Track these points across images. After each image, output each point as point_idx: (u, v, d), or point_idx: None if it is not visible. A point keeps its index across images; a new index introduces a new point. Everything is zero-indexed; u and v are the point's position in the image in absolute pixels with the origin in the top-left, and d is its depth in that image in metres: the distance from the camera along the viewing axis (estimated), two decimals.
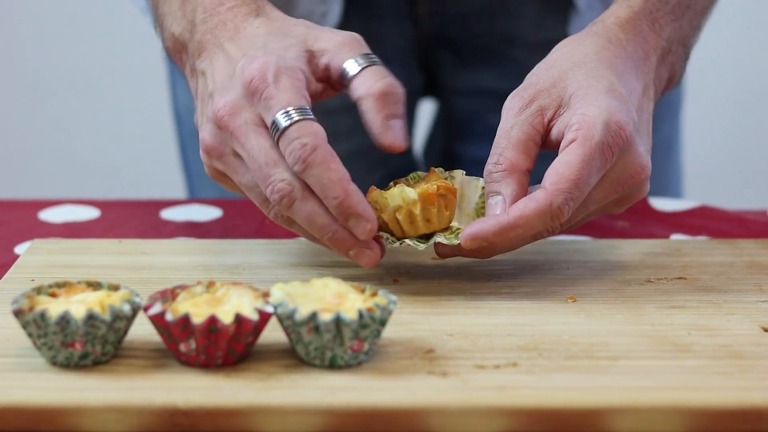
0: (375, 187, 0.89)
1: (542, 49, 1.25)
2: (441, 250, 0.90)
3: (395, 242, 0.88)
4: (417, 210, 0.87)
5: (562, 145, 0.87)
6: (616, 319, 0.84)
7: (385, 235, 0.88)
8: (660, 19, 0.95)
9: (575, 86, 0.89)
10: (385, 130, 0.88)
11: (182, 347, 0.76)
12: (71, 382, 0.74)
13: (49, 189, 2.46)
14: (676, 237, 1.07)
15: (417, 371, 0.76)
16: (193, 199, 1.17)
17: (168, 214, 1.13)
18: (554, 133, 0.89)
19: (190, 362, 0.76)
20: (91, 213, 1.13)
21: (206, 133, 0.89)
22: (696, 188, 1.49)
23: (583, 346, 0.80)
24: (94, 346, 0.76)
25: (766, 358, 0.78)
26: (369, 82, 0.89)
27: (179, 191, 2.03)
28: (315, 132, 0.85)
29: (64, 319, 0.75)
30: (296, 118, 0.85)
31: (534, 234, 0.87)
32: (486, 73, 1.28)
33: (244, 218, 1.12)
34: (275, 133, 0.85)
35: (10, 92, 2.53)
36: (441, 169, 0.92)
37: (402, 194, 0.87)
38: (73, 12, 2.49)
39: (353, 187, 0.85)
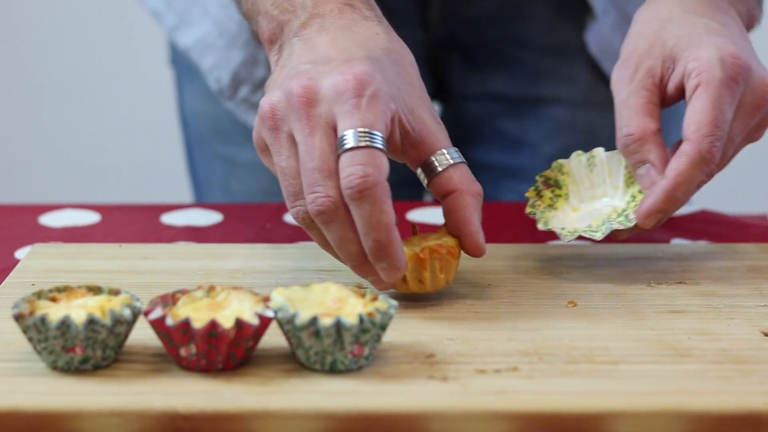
0: None
1: (554, 53, 1.24)
2: (621, 236, 0.91)
3: (569, 235, 0.90)
4: (407, 272, 0.86)
5: (687, 94, 0.89)
6: (616, 324, 0.84)
7: (557, 229, 0.91)
8: None
9: (674, 39, 0.90)
10: (478, 233, 0.86)
11: (183, 352, 0.76)
12: (72, 387, 0.74)
13: (49, 193, 2.45)
14: (676, 241, 1.07)
15: (417, 376, 0.76)
16: (193, 203, 1.17)
17: (168, 218, 1.13)
18: (670, 88, 0.91)
19: (190, 367, 0.76)
20: (91, 217, 1.13)
21: (273, 99, 0.84)
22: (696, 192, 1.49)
23: (583, 350, 0.80)
24: (95, 350, 0.76)
25: (766, 363, 0.78)
26: (469, 180, 0.87)
27: (180, 196, 2.03)
28: (380, 166, 0.81)
29: (65, 324, 0.75)
30: (370, 143, 0.81)
31: (696, 187, 0.89)
32: (496, 77, 1.28)
33: (244, 223, 1.12)
34: (342, 145, 0.81)
35: (10, 96, 2.53)
36: (580, 152, 0.94)
37: None
38: (74, 16, 2.50)
39: (396, 235, 0.82)
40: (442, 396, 0.73)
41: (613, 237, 0.92)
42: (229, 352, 0.76)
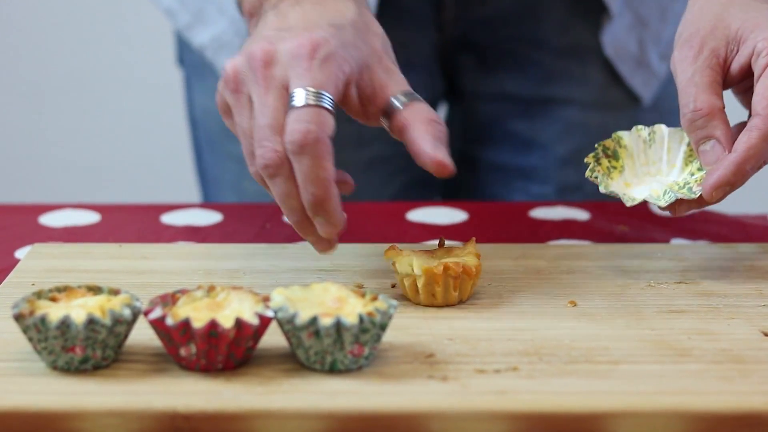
0: (395, 247, 0.89)
1: (568, 53, 1.24)
2: (682, 211, 0.91)
3: (630, 201, 0.90)
4: (420, 284, 0.87)
5: (757, 72, 0.89)
6: (616, 324, 0.84)
7: (620, 194, 0.91)
8: None
9: (738, 22, 0.91)
10: (435, 148, 0.87)
11: (182, 352, 0.76)
12: (71, 387, 0.74)
13: (49, 193, 2.45)
14: (676, 241, 1.07)
15: (417, 375, 0.76)
16: (193, 203, 1.17)
17: (168, 218, 1.13)
18: (734, 69, 0.91)
19: (190, 367, 0.76)
20: (91, 217, 1.13)
21: (236, 62, 0.88)
22: None
23: (583, 350, 0.80)
24: (95, 350, 0.76)
25: (766, 363, 0.78)
26: (420, 112, 0.88)
27: (180, 196, 2.03)
28: (324, 123, 0.84)
29: (65, 324, 0.75)
30: (314, 102, 0.84)
31: (763, 161, 0.90)
32: (508, 77, 1.28)
33: (244, 223, 1.12)
34: (291, 104, 0.85)
35: (10, 96, 2.53)
36: (641, 126, 0.94)
37: (410, 265, 0.87)
38: (74, 17, 2.49)
39: (334, 191, 0.85)
40: (442, 396, 0.73)
41: (674, 209, 0.91)
42: (229, 351, 0.76)
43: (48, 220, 1.12)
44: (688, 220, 1.14)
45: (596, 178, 0.92)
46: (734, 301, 0.89)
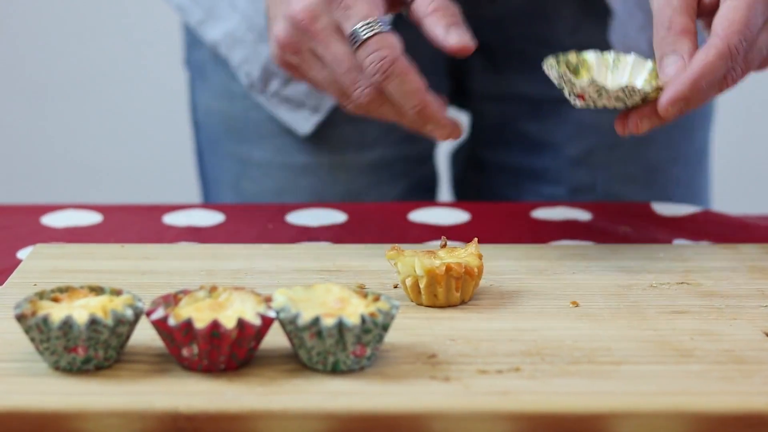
0: (396, 247, 0.89)
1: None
2: (641, 126, 0.91)
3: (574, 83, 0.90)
4: (422, 285, 0.87)
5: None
6: (618, 324, 0.84)
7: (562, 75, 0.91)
8: None
9: None
10: (448, 33, 0.94)
11: (185, 352, 0.76)
12: (74, 387, 0.74)
13: (51, 194, 2.46)
14: (678, 242, 1.07)
15: (419, 376, 0.76)
16: (195, 204, 1.17)
17: (170, 218, 1.13)
18: (709, 1, 0.92)
19: (192, 367, 0.76)
20: (93, 218, 1.13)
21: (281, 30, 0.96)
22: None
23: (585, 351, 0.80)
24: (97, 350, 0.76)
25: None
26: (424, 3, 0.95)
27: (182, 196, 2.03)
28: (393, 45, 0.92)
29: (67, 324, 0.75)
30: (376, 30, 0.92)
31: (719, 83, 0.90)
32: (518, 78, 1.28)
33: (246, 223, 1.12)
34: (355, 43, 0.92)
35: (12, 96, 2.53)
36: (606, 52, 0.95)
37: (412, 265, 0.87)
38: (76, 16, 2.50)
39: (430, 97, 0.92)
40: (444, 396, 0.73)
41: (630, 123, 0.91)
42: (231, 352, 0.76)
43: (50, 220, 1.12)
44: (691, 220, 1.14)
45: (552, 67, 0.92)
46: (737, 302, 0.89)
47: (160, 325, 0.76)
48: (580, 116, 1.26)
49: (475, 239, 0.90)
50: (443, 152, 1.44)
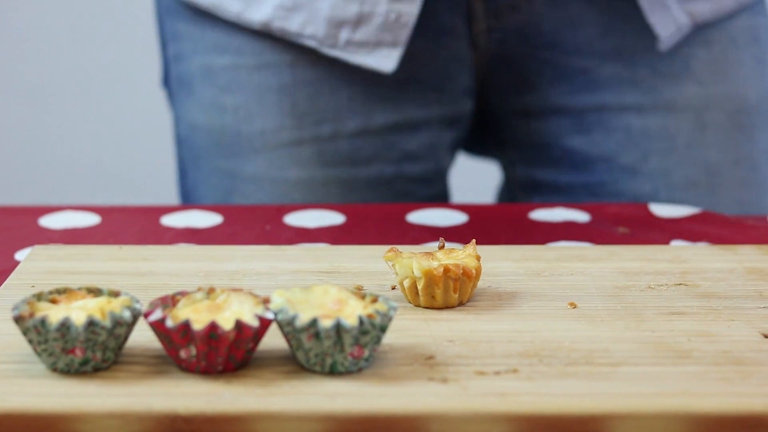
0: (394, 249, 0.89)
1: (612, 57, 1.19)
2: None
3: None
4: (420, 286, 0.87)
5: None
6: (616, 326, 0.84)
7: None
8: None
9: None
10: None
11: (182, 354, 0.76)
12: (71, 389, 0.74)
13: (49, 195, 2.46)
14: (676, 243, 1.07)
15: (417, 377, 0.76)
16: (193, 205, 1.17)
17: (168, 220, 1.13)
18: None
19: (190, 369, 0.76)
20: (91, 219, 1.13)
21: None
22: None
23: (583, 352, 0.80)
24: (95, 352, 0.76)
25: (766, 365, 0.78)
26: None
27: (179, 197, 2.03)
28: None
29: (65, 326, 0.75)
30: None
31: None
32: (551, 90, 1.24)
33: (244, 224, 1.12)
34: None
35: (10, 98, 2.53)
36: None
37: (410, 267, 0.87)
38: (74, 18, 2.50)
39: None
40: (442, 398, 0.73)
41: None
42: (229, 353, 0.76)
43: (48, 221, 1.12)
44: (688, 221, 1.14)
45: None
46: (734, 303, 0.89)
47: (158, 327, 0.76)
48: (627, 123, 1.22)
49: (473, 240, 0.90)
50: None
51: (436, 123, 1.23)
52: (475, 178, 1.84)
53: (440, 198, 1.29)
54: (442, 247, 0.90)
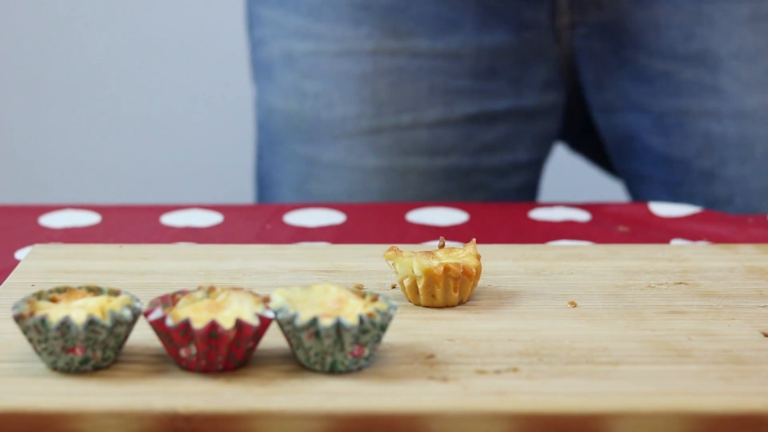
0: (396, 247, 0.89)
1: (694, 62, 1.19)
2: None
3: None
4: (420, 285, 0.87)
5: None
6: (616, 325, 0.84)
7: None
8: None
9: None
10: None
11: (183, 352, 0.76)
12: (72, 388, 0.74)
13: (49, 194, 2.45)
14: (676, 242, 1.07)
15: (417, 376, 0.76)
16: (193, 204, 1.17)
17: (168, 219, 1.13)
18: None
19: (190, 367, 0.76)
20: (91, 218, 1.13)
21: None
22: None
23: (583, 351, 0.80)
24: (95, 351, 0.76)
25: (766, 364, 0.78)
26: None
27: (180, 196, 2.03)
28: None
29: (65, 325, 0.75)
30: None
31: None
32: (634, 89, 1.24)
33: (244, 223, 1.12)
34: None
35: (10, 96, 2.53)
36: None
37: (410, 265, 0.87)
38: (75, 16, 2.50)
39: None
40: (442, 396, 0.73)
41: None
42: (229, 352, 0.76)
43: (48, 220, 1.12)
44: (688, 220, 1.14)
45: None
46: (734, 302, 0.89)
47: (158, 326, 0.76)
48: (706, 128, 1.22)
49: (473, 240, 0.90)
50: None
51: (515, 115, 1.23)
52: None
53: (519, 193, 1.29)
54: (442, 246, 0.90)
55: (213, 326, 0.75)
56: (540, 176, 1.30)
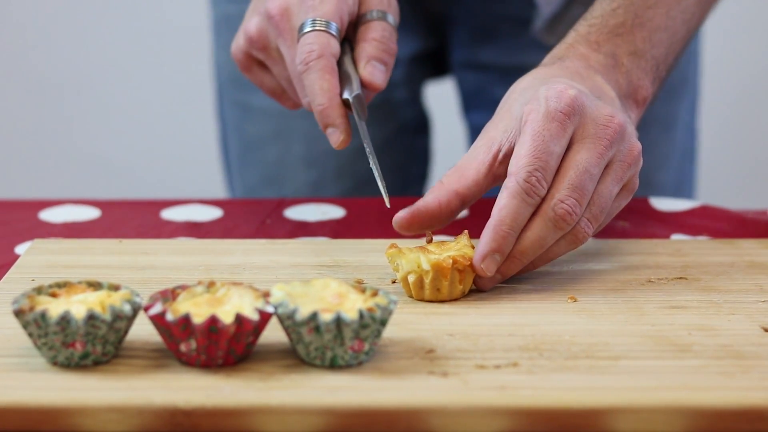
0: (396, 245, 0.89)
1: (528, 25, 1.26)
2: (483, 283, 0.89)
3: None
4: (428, 279, 0.87)
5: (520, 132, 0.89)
6: (616, 319, 0.84)
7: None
8: (597, 39, 0.98)
9: (518, 106, 0.92)
10: (366, 65, 0.97)
11: (183, 347, 0.76)
12: (72, 382, 0.74)
13: (49, 189, 2.45)
14: (676, 237, 1.07)
15: (417, 371, 0.76)
16: (193, 199, 1.17)
17: (168, 214, 1.13)
18: (513, 150, 0.89)
19: (190, 362, 0.76)
20: (91, 213, 1.13)
21: (253, 25, 0.98)
22: (695, 187, 1.49)
23: (583, 346, 0.80)
24: (95, 346, 0.76)
25: (766, 358, 0.78)
26: (373, 30, 0.98)
27: (180, 191, 2.03)
28: (326, 44, 0.94)
29: (65, 319, 0.75)
30: (318, 28, 0.95)
31: (571, 237, 0.88)
32: (485, 50, 1.33)
33: (244, 218, 1.12)
34: (299, 35, 0.95)
35: (11, 92, 2.53)
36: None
37: (417, 261, 0.87)
38: (74, 11, 2.49)
39: (337, 101, 0.94)
40: (442, 391, 0.73)
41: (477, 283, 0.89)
42: (229, 347, 0.76)
43: (48, 215, 1.12)
44: (689, 215, 1.14)
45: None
46: (735, 297, 0.89)
47: (158, 321, 0.76)
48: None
49: (465, 231, 0.90)
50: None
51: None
52: None
53: (417, 118, 1.42)
54: (430, 241, 0.90)
55: (213, 321, 0.75)
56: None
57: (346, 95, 0.95)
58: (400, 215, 0.90)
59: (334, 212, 1.14)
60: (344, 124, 0.94)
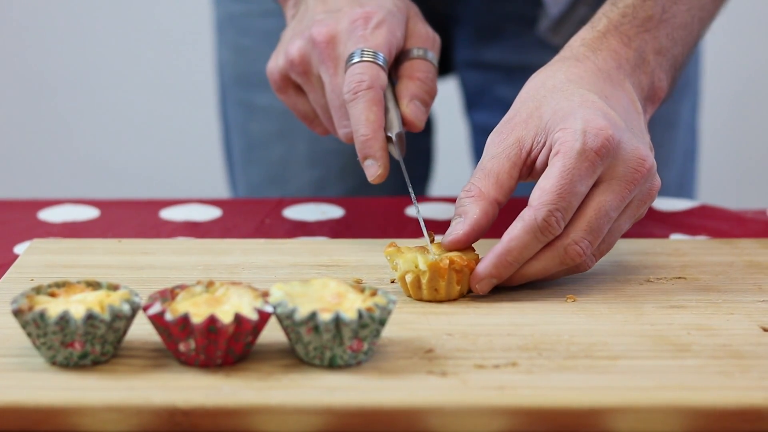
0: (395, 244, 0.89)
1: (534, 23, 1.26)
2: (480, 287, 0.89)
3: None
4: (425, 279, 0.87)
5: (549, 162, 0.87)
6: (615, 319, 0.84)
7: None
8: (627, 31, 0.96)
9: (550, 112, 0.89)
10: (413, 104, 0.97)
11: (182, 347, 0.76)
12: (71, 382, 0.74)
13: (48, 189, 2.45)
14: (675, 236, 1.07)
15: (416, 371, 0.76)
16: (192, 198, 1.17)
17: (167, 213, 1.13)
18: (540, 161, 0.88)
19: (189, 362, 0.76)
20: (90, 213, 1.13)
21: (296, 48, 0.98)
22: (696, 187, 1.49)
23: (582, 345, 0.80)
24: (94, 345, 0.76)
25: (765, 358, 0.78)
26: (416, 68, 0.98)
27: (179, 191, 2.03)
28: (377, 76, 0.94)
29: (64, 319, 0.75)
30: (366, 59, 0.95)
31: (554, 266, 0.87)
32: (489, 49, 1.33)
33: (243, 218, 1.12)
34: (349, 61, 0.95)
35: (9, 92, 2.53)
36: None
37: (414, 261, 0.87)
38: (73, 11, 2.49)
39: (381, 134, 0.94)
40: (441, 391, 0.73)
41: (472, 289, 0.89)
42: (228, 347, 0.76)
43: (47, 215, 1.12)
44: (688, 215, 1.14)
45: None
46: (733, 297, 0.89)
47: (157, 320, 0.76)
48: None
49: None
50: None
51: None
52: None
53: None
54: (432, 242, 0.90)
55: (212, 321, 0.75)
56: None
57: (388, 132, 0.94)
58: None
59: (333, 212, 1.14)
60: (384, 157, 0.94)
